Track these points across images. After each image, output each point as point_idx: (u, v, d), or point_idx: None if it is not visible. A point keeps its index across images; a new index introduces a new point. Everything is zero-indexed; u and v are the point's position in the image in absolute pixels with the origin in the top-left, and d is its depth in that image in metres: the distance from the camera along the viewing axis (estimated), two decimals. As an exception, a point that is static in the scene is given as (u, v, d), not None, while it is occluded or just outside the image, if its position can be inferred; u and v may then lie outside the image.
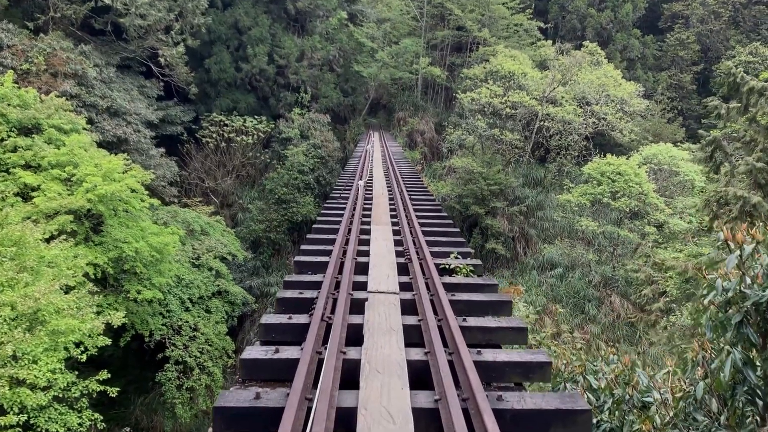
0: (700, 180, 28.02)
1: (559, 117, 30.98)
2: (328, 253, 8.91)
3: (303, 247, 9.79)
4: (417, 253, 9.24)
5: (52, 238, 12.42)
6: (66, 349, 8.16)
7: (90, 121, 19.96)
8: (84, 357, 8.57)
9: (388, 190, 17.43)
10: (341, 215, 12.65)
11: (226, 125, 32.98)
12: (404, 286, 7.70)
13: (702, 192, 29.43)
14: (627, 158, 26.11)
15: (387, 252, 9.29)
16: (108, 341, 9.04)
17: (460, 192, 29.68)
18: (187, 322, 19.09)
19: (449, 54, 51.08)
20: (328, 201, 16.25)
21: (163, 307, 17.71)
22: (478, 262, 9.17)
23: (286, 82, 36.91)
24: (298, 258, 8.95)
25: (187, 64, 29.19)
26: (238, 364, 5.81)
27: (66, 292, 12.46)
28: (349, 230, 10.97)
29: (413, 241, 10.12)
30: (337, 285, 7.44)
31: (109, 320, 9.25)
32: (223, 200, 33.93)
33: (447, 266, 8.76)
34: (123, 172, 15.37)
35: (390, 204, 14.87)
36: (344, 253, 8.98)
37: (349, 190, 17.20)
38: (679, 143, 34.59)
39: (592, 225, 23.85)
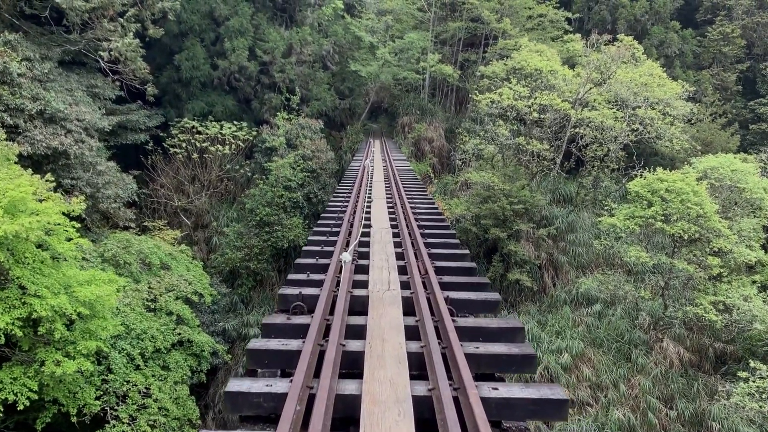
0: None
1: (597, 123, 27.98)
2: None
3: None
4: None
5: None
6: None
7: (16, 129, 17.04)
8: None
9: (400, 271, 9.42)
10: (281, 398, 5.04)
11: (200, 132, 29.99)
12: None
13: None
14: (682, 172, 23.04)
15: None
16: None
17: (477, 212, 26.84)
18: (136, 385, 16.11)
19: (461, 50, 48.34)
20: (265, 322, 7.23)
21: (98, 376, 14.71)
22: None
23: (271, 82, 34.00)
24: None
25: (152, 60, 26.29)
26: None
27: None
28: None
29: None
30: None
31: None
32: (196, 221, 31.00)
33: None
34: (41, 200, 12.43)
35: (408, 318, 7.25)
36: None
37: (323, 273, 8.89)
38: (733, 153, 31.65)
39: (644, 256, 20.77)
